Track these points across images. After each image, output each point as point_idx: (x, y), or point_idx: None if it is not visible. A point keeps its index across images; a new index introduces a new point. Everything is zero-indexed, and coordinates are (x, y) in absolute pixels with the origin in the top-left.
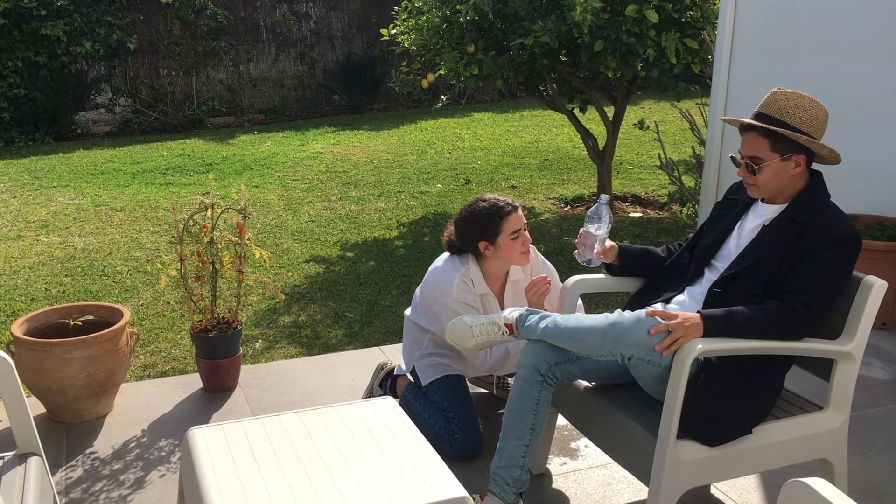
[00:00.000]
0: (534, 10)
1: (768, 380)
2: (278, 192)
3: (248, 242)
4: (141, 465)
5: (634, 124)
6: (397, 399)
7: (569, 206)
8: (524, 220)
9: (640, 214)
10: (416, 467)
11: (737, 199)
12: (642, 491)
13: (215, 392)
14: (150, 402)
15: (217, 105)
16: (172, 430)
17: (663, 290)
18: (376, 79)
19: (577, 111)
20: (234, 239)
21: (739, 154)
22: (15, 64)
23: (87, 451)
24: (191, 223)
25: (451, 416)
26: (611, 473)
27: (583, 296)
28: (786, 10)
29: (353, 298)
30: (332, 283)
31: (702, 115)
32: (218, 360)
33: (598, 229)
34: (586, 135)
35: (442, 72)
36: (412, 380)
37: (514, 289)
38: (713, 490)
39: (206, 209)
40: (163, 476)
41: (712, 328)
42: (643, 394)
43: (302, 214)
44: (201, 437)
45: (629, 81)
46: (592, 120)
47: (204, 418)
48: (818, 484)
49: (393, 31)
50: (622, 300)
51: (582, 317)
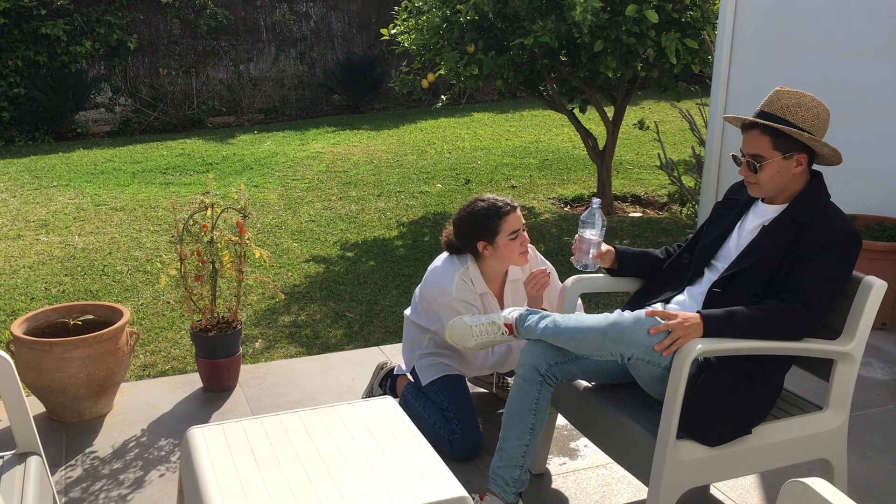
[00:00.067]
0: (534, 10)
1: (768, 380)
2: (278, 192)
3: (247, 242)
4: (140, 465)
5: (634, 124)
6: (397, 399)
7: (569, 206)
8: (523, 221)
9: (639, 214)
10: (415, 467)
11: (737, 200)
12: (642, 491)
13: (215, 392)
14: (149, 402)
15: (217, 105)
16: (172, 429)
17: (663, 290)
18: (376, 79)
19: (577, 111)
20: (233, 238)
21: (741, 152)
22: (15, 63)
23: (87, 451)
24: (191, 223)
25: (451, 415)
26: (610, 473)
27: (582, 296)
28: (786, 10)
29: (353, 298)
30: (331, 283)
31: (702, 115)
32: (218, 360)
33: (593, 234)
34: (586, 135)
35: (442, 72)
36: (412, 379)
37: (513, 288)
38: (713, 490)
39: (206, 209)
40: (162, 476)
41: (712, 328)
42: (643, 394)
43: (302, 214)
44: (201, 436)
45: (629, 81)
46: (592, 120)
47: (204, 418)
48: (818, 484)
49: (393, 31)
50: (622, 300)
51: (582, 317)
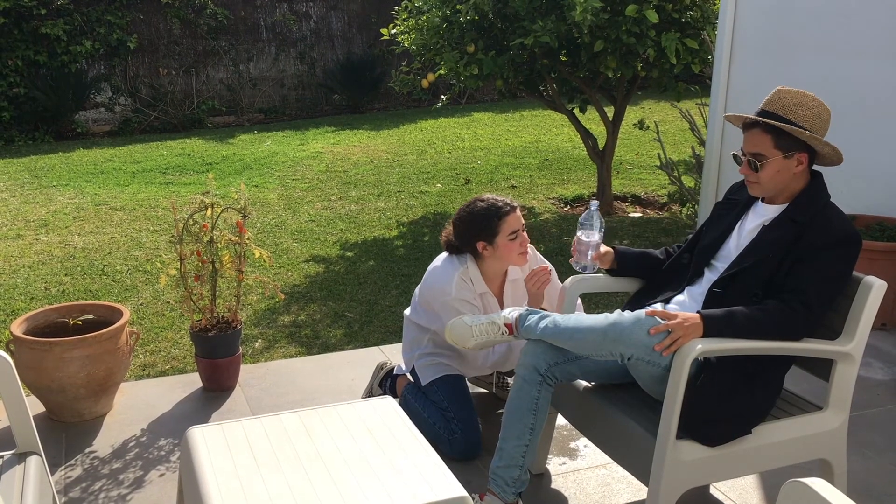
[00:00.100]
0: (534, 10)
1: (768, 380)
2: (278, 192)
3: (247, 242)
4: (140, 465)
5: (634, 124)
6: (397, 399)
7: (568, 206)
8: (522, 221)
9: (639, 214)
10: (415, 467)
11: (737, 200)
12: (641, 491)
13: (215, 391)
14: (149, 402)
15: (217, 104)
16: (172, 429)
17: (663, 290)
18: (376, 78)
19: (577, 111)
20: (233, 238)
21: (741, 151)
22: (15, 63)
23: (87, 451)
24: (190, 222)
25: (451, 415)
26: (610, 473)
27: (582, 296)
28: (786, 10)
29: (353, 298)
30: (331, 283)
31: (702, 115)
32: (217, 360)
33: (591, 235)
34: (586, 135)
35: (442, 71)
36: (412, 379)
37: (512, 288)
38: (712, 490)
39: (206, 208)
40: (162, 475)
41: (712, 328)
42: (643, 394)
43: (302, 214)
44: (201, 436)
45: (629, 81)
46: (592, 120)
47: (203, 418)
48: (817, 484)
49: (393, 31)
50: (622, 300)
51: (582, 317)
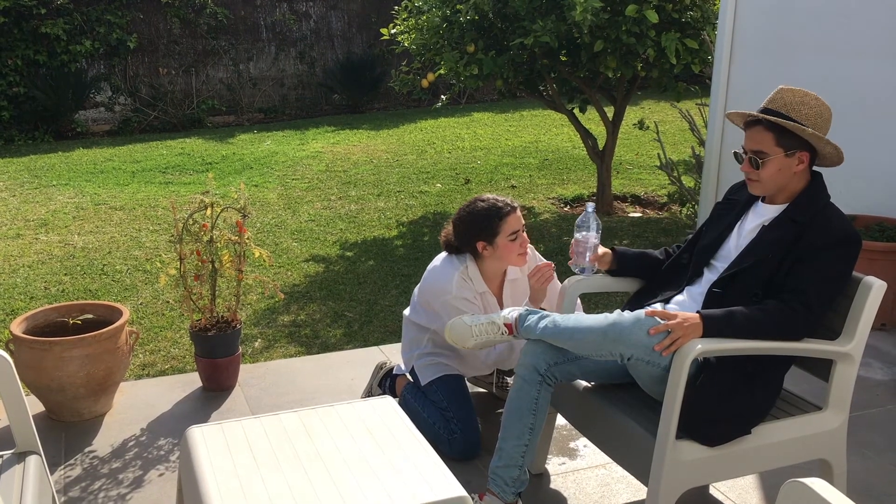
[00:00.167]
0: (534, 10)
1: (768, 380)
2: (278, 192)
3: (247, 241)
4: (140, 464)
5: (634, 124)
6: (396, 399)
7: (568, 206)
8: (523, 221)
9: (639, 215)
10: (415, 467)
11: (736, 200)
12: (641, 491)
13: (214, 391)
14: (149, 401)
15: (217, 104)
16: (171, 428)
17: (663, 290)
18: (376, 78)
19: (576, 111)
20: (233, 238)
21: (742, 150)
22: (14, 62)
23: (86, 450)
24: (190, 222)
25: (451, 415)
26: (610, 473)
27: (582, 296)
28: (786, 10)
29: (353, 298)
30: (331, 283)
31: (701, 115)
32: (217, 359)
33: (589, 237)
34: (586, 135)
35: (442, 71)
36: (411, 379)
37: (511, 288)
38: (712, 490)
39: (206, 208)
40: (162, 475)
41: (712, 328)
42: (642, 394)
43: (301, 214)
44: (200, 436)
45: (629, 81)
46: (592, 120)
47: (203, 417)
48: (817, 484)
49: (393, 31)
50: (621, 300)
51: (581, 317)
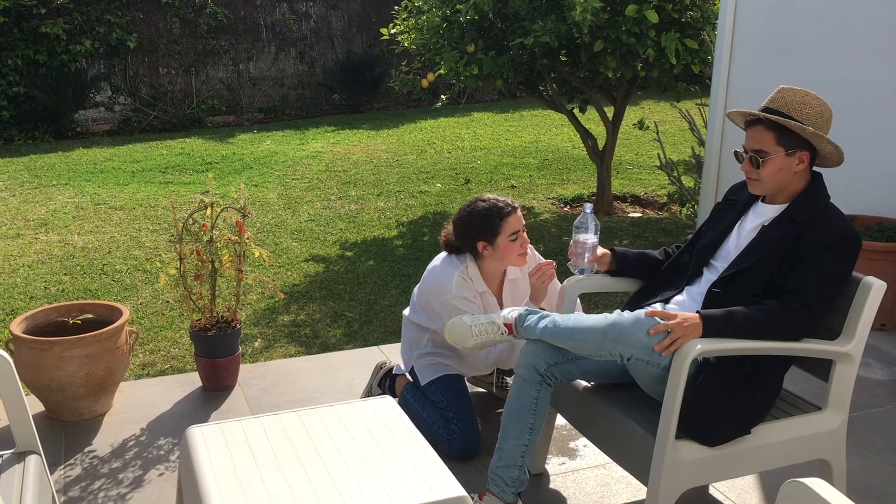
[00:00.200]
0: (534, 10)
1: (767, 380)
2: (278, 192)
3: (247, 241)
4: (140, 464)
5: (634, 124)
6: (396, 398)
7: (568, 206)
8: (523, 222)
9: (639, 215)
10: (414, 467)
11: (736, 200)
12: (641, 491)
13: (214, 391)
14: (148, 401)
15: (217, 104)
16: (171, 428)
17: (662, 290)
18: (376, 78)
19: (576, 111)
20: (233, 238)
21: (743, 149)
22: (14, 62)
23: (86, 450)
24: (190, 222)
25: (450, 415)
26: (609, 473)
27: (582, 296)
28: (786, 10)
29: (353, 298)
30: (331, 283)
31: (701, 115)
32: (217, 359)
33: (587, 238)
34: (586, 135)
35: (442, 71)
36: (411, 379)
37: (511, 288)
38: (712, 490)
39: (206, 208)
40: (161, 475)
41: (711, 328)
42: (642, 394)
43: (301, 213)
44: (200, 435)
45: (629, 81)
46: (592, 120)
47: (203, 417)
48: (817, 484)
49: (393, 31)
50: (621, 300)
51: (581, 317)
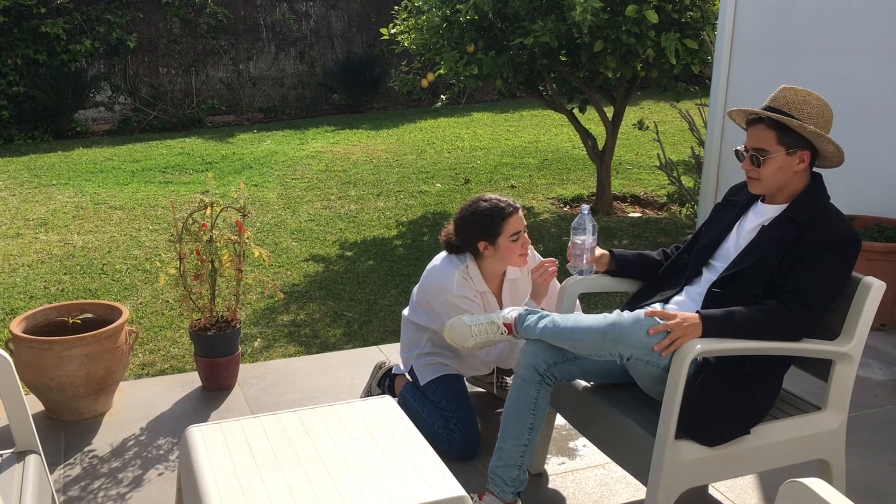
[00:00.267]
0: (534, 10)
1: (767, 380)
2: (277, 191)
3: (247, 241)
4: (139, 464)
5: (634, 124)
6: (395, 398)
7: (568, 206)
8: (524, 222)
9: (639, 215)
10: (414, 467)
11: (736, 201)
12: (640, 491)
13: (214, 391)
14: (148, 401)
15: (216, 104)
16: (171, 428)
17: (662, 290)
18: (376, 78)
19: (576, 111)
20: (233, 237)
21: (744, 148)
22: (14, 62)
23: (86, 450)
24: (190, 221)
25: (450, 415)
26: (609, 473)
27: (581, 296)
28: (786, 10)
29: (352, 297)
30: (331, 282)
31: (701, 115)
32: (217, 359)
33: (585, 239)
34: (586, 135)
35: (442, 71)
36: (410, 379)
37: (511, 287)
38: (711, 490)
39: (206, 208)
40: (161, 474)
41: (711, 328)
42: (642, 394)
43: (301, 213)
44: (200, 435)
45: (629, 81)
46: (592, 120)
47: (202, 417)
48: (816, 484)
49: (393, 31)
50: (621, 300)
51: (581, 317)
